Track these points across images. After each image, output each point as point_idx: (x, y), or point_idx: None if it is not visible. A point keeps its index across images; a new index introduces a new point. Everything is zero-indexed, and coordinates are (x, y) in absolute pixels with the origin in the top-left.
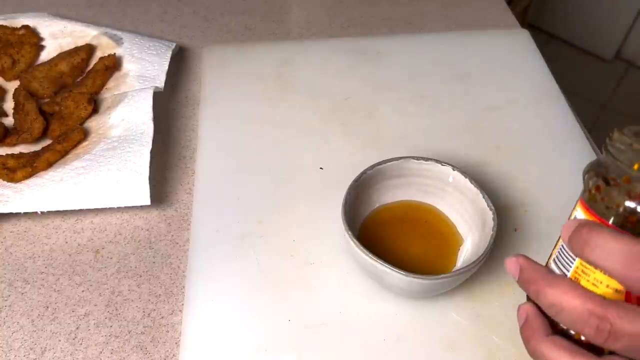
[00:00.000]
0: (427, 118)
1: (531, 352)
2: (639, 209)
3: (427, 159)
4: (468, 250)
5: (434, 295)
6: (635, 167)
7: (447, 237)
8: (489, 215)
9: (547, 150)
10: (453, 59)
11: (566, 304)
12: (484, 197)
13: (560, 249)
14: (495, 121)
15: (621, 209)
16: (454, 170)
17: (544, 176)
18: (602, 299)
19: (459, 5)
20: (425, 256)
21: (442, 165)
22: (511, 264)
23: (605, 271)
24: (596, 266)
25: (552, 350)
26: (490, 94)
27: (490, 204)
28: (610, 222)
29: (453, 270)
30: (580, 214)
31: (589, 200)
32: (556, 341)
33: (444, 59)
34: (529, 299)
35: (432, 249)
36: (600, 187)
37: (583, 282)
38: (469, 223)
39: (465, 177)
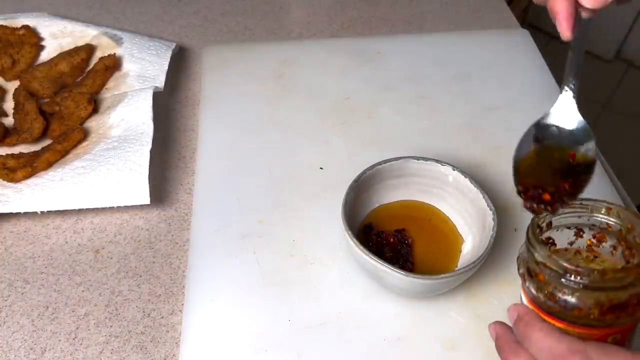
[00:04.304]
0: (427, 118)
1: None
2: (557, 304)
3: (427, 159)
4: (468, 250)
5: (434, 295)
6: (542, 277)
7: (447, 237)
8: (489, 215)
9: None
10: (453, 59)
11: None
12: (484, 197)
13: None
14: (495, 121)
15: (543, 300)
16: (454, 170)
17: None
18: None
19: (459, 5)
20: (426, 256)
21: (442, 165)
22: (491, 329)
23: None
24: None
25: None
26: (490, 94)
27: (490, 204)
28: (538, 308)
29: (453, 270)
30: (521, 290)
31: (522, 282)
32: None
33: (444, 59)
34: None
35: (432, 249)
36: (525, 276)
37: None
38: (469, 223)
39: (465, 177)
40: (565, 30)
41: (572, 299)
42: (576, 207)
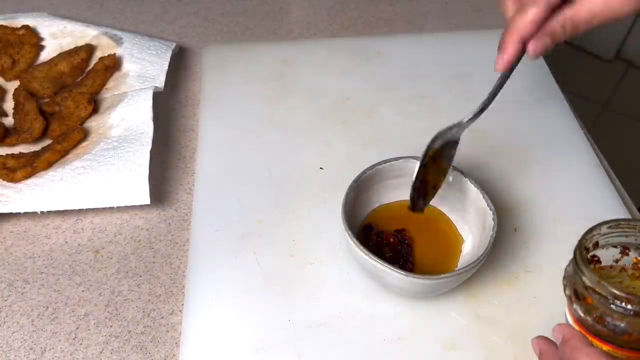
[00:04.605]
0: (427, 118)
1: None
2: (606, 328)
3: None
4: (468, 250)
5: (434, 295)
6: (590, 301)
7: (447, 237)
8: (489, 215)
9: (547, 150)
10: (453, 59)
11: None
12: (484, 197)
13: None
14: (496, 121)
15: (591, 323)
16: (454, 170)
17: (544, 176)
18: None
19: (459, 5)
20: (426, 256)
21: None
22: (535, 344)
23: None
24: None
25: None
26: None
27: (490, 204)
28: (585, 329)
29: (453, 270)
30: (566, 309)
31: (568, 302)
32: None
33: (444, 59)
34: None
35: (432, 248)
36: (571, 298)
37: None
38: (469, 223)
39: (465, 177)
40: (500, 66)
41: (621, 324)
42: (623, 226)
